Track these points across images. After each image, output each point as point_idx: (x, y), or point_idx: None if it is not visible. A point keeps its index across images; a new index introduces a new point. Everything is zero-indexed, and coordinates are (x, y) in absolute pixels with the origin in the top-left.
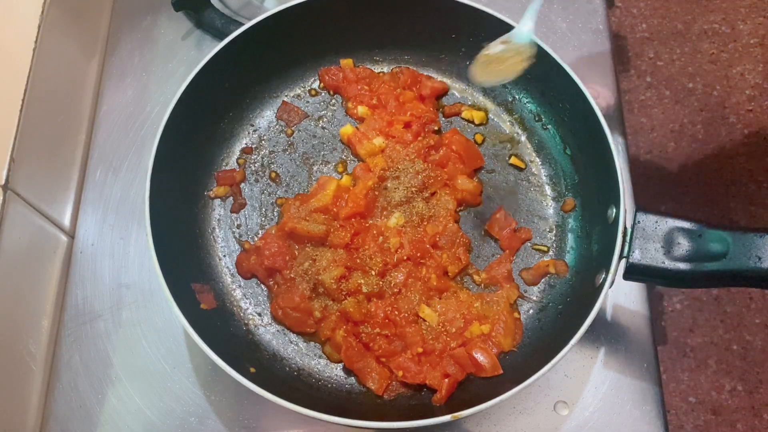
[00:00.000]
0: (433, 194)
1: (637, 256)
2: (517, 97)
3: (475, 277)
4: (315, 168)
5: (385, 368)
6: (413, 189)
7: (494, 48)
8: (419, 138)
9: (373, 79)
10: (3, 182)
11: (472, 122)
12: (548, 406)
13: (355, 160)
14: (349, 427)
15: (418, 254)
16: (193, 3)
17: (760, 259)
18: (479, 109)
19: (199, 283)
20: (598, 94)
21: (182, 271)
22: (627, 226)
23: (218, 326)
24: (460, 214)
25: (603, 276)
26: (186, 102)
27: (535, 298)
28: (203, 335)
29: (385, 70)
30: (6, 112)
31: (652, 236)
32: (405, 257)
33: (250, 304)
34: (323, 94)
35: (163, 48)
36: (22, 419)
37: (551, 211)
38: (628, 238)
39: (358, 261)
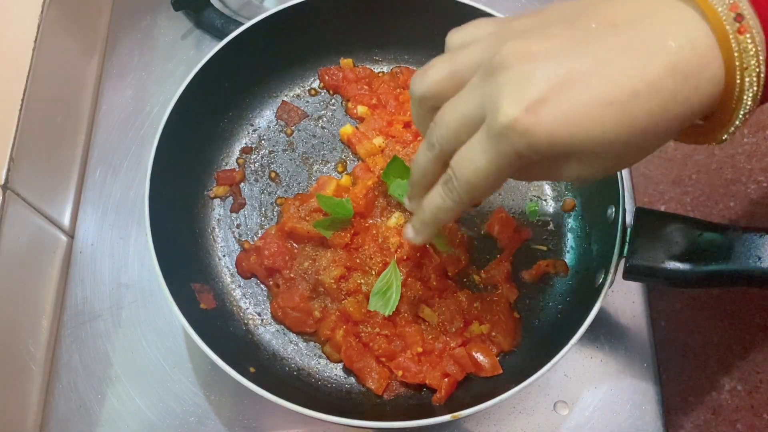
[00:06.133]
0: None
1: (636, 256)
2: None
3: (475, 277)
4: (315, 168)
5: (385, 368)
6: None
7: None
8: (419, 138)
9: (373, 78)
10: (2, 182)
11: None
12: (548, 406)
13: (355, 159)
14: (349, 427)
15: (418, 254)
16: (193, 3)
17: (760, 259)
18: None
19: (198, 283)
20: None
21: (182, 271)
22: (627, 225)
23: (218, 326)
24: (459, 214)
25: (603, 276)
26: (185, 101)
27: (535, 298)
28: (203, 335)
29: (385, 69)
30: (5, 112)
31: (651, 236)
32: (405, 257)
33: (250, 303)
34: (323, 93)
35: (163, 48)
36: (21, 419)
37: (551, 211)
38: (627, 238)
39: (358, 261)
